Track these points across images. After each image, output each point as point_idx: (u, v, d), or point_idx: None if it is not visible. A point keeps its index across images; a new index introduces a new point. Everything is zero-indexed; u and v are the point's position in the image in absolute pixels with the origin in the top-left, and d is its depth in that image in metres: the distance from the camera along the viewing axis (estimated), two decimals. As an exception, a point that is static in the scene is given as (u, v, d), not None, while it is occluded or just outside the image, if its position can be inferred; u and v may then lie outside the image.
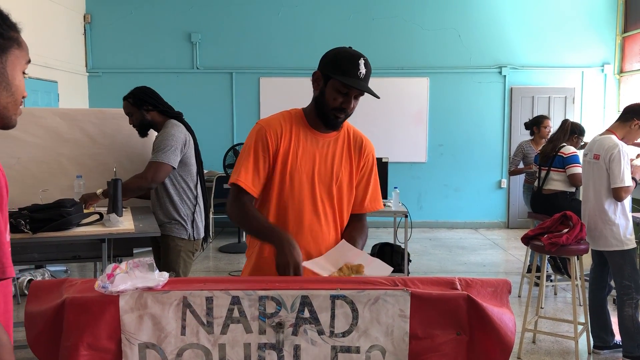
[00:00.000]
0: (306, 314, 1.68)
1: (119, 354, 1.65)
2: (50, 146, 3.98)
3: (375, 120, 8.60)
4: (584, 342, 4.07)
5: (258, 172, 2.08)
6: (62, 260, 4.67)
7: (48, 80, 7.19)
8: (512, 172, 5.94)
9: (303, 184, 2.11)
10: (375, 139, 8.39)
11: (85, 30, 8.59)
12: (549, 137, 5.54)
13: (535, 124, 6.01)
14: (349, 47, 2.11)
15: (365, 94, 2.06)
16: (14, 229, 2.92)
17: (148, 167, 3.41)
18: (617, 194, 3.71)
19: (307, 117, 2.15)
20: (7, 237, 1.27)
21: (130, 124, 3.62)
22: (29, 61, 1.38)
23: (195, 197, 3.59)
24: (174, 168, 3.44)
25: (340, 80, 2.01)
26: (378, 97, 2.05)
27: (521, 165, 6.03)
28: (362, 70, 2.01)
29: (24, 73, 1.36)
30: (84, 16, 8.56)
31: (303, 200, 2.12)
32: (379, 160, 5.60)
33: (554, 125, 5.94)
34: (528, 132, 6.12)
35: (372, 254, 5.92)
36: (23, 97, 1.35)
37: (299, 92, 8.49)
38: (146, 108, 3.53)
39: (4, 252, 1.22)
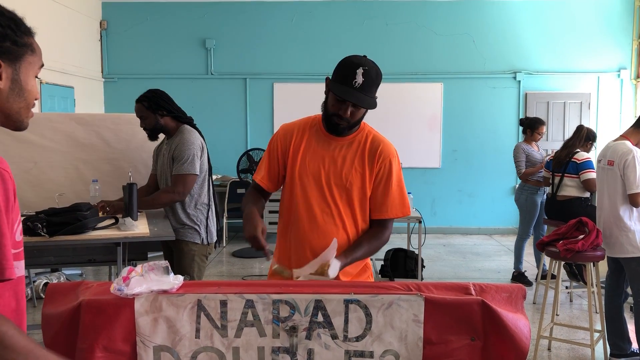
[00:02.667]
0: (320, 318, 1.69)
1: (134, 356, 1.67)
2: (66, 151, 4.02)
3: (389, 125, 8.57)
4: (601, 349, 4.02)
5: (268, 169, 2.27)
6: (77, 264, 4.70)
7: (65, 85, 7.28)
8: (525, 174, 5.86)
9: (311, 184, 2.18)
10: (388, 144, 8.20)
11: (101, 36, 8.68)
12: (563, 142, 5.50)
13: (530, 127, 5.96)
14: (364, 55, 2.13)
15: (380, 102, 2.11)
16: (31, 232, 2.96)
17: (176, 180, 3.44)
18: (633, 200, 3.67)
19: (323, 122, 2.22)
20: (18, 236, 1.28)
21: (142, 126, 3.62)
22: (42, 65, 1.39)
23: (208, 202, 3.61)
24: (197, 175, 3.47)
25: (333, 88, 2.07)
26: (371, 107, 2.10)
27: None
28: (359, 79, 2.02)
29: (36, 77, 1.36)
30: (100, 22, 8.65)
31: (311, 200, 2.18)
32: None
33: (568, 131, 5.90)
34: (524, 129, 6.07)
35: (386, 260, 5.91)
36: (35, 100, 1.36)
37: (312, 98, 8.47)
38: (160, 113, 3.52)
39: (3, 254, 1.20)
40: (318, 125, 2.24)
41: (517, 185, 6.18)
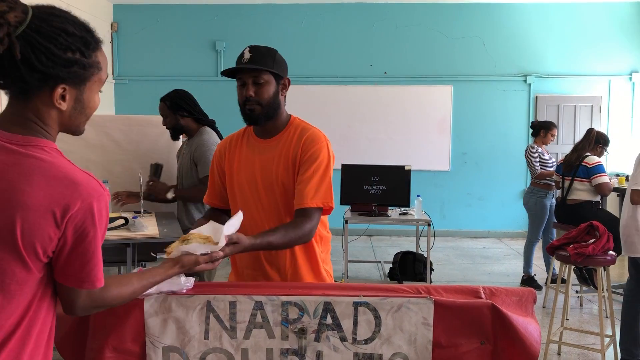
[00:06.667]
0: (329, 320, 1.68)
1: (144, 356, 1.67)
2: (77, 152, 4.04)
3: (397, 128, 8.59)
4: (611, 355, 3.99)
5: (214, 189, 2.30)
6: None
7: (76, 87, 7.32)
8: (541, 175, 5.80)
9: (245, 191, 2.15)
10: (398, 147, 8.32)
11: (112, 38, 8.74)
12: (573, 145, 5.46)
13: (544, 128, 5.92)
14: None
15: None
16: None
17: (205, 183, 3.47)
18: (631, 197, 3.64)
19: (253, 127, 2.21)
20: None
21: (164, 125, 3.69)
22: (107, 76, 1.39)
23: None
24: None
25: (223, 74, 2.13)
26: (270, 69, 2.08)
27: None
28: (246, 56, 2.08)
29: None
30: (111, 24, 8.71)
31: (251, 207, 2.13)
32: (402, 168, 5.61)
33: (578, 135, 5.85)
34: (533, 132, 6.04)
35: (394, 263, 5.89)
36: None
37: (322, 100, 8.51)
38: (181, 114, 3.60)
39: (99, 267, 1.32)
40: (249, 133, 2.23)
41: (526, 189, 6.14)
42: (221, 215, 2.28)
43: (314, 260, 2.17)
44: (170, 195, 3.60)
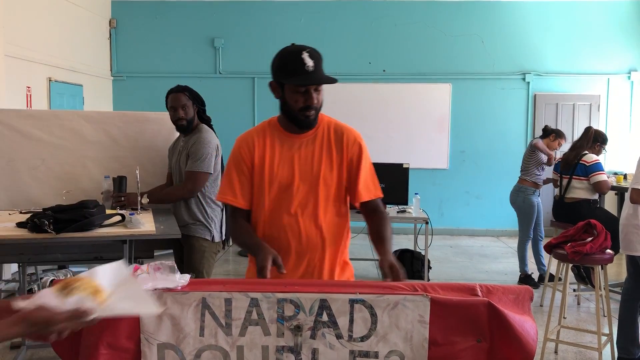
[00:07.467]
0: (325, 317, 1.68)
1: (138, 353, 1.67)
2: (74, 148, 4.04)
3: (396, 126, 8.58)
4: (608, 353, 3.99)
5: (241, 185, 2.16)
6: (83, 261, 4.70)
7: (74, 83, 7.30)
8: (550, 162, 5.77)
9: (281, 186, 2.12)
10: (396, 145, 8.32)
11: (110, 34, 8.71)
12: (572, 144, 5.47)
13: (556, 133, 5.92)
14: (292, 44, 2.13)
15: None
16: (38, 229, 2.96)
17: (188, 177, 3.53)
18: (630, 196, 3.64)
19: (281, 123, 2.19)
20: None
21: (181, 116, 3.59)
22: None
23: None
24: (210, 174, 3.54)
25: (291, 83, 2.04)
26: (335, 81, 2.07)
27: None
28: (309, 63, 2.03)
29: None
30: (110, 21, 8.68)
31: (279, 202, 2.12)
32: (400, 165, 5.60)
33: (577, 133, 5.85)
34: (542, 133, 6.04)
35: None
36: None
37: (320, 97, 8.46)
38: (196, 106, 3.66)
39: None
40: (277, 128, 2.20)
41: (513, 188, 6.12)
42: (250, 225, 2.20)
43: (340, 251, 2.20)
44: (144, 200, 3.59)
